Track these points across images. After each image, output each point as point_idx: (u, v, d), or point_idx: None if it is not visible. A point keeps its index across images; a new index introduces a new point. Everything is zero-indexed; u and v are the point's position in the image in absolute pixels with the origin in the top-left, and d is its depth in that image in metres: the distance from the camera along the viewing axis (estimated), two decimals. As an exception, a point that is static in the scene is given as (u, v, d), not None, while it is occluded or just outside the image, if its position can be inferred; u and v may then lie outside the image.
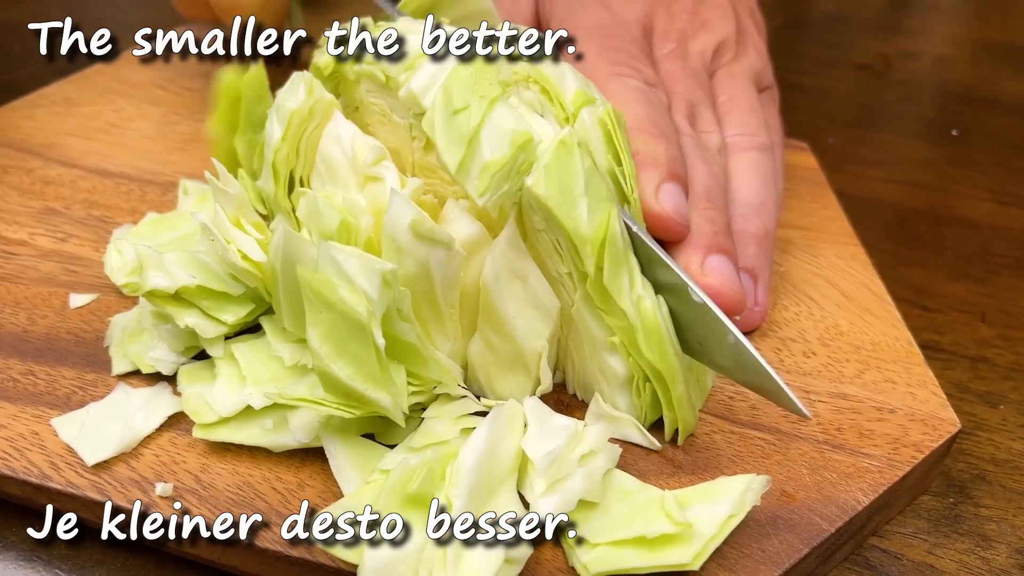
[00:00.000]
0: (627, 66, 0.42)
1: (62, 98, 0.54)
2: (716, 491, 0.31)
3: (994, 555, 0.35)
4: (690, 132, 0.41)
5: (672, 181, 0.37)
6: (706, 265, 0.36)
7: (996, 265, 0.52)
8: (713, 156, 0.42)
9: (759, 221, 0.41)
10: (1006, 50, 0.82)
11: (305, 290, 0.30)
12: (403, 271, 0.32)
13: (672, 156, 0.38)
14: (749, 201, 0.42)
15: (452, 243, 0.31)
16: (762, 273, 0.40)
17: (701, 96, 0.44)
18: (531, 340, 0.33)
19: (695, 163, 0.40)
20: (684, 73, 0.44)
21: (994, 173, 0.62)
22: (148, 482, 0.32)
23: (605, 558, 0.29)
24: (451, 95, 0.32)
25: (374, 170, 0.35)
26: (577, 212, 0.31)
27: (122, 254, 0.35)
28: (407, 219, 0.31)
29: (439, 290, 0.32)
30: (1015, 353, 0.45)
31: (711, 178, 0.40)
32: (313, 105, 0.37)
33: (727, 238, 0.38)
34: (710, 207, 0.38)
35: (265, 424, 0.33)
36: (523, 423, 0.33)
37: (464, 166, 0.32)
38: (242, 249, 0.34)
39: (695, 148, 0.41)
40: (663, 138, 0.38)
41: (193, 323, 0.35)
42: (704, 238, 0.37)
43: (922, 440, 0.35)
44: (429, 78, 0.34)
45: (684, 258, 0.37)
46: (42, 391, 0.35)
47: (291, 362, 0.34)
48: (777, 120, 0.48)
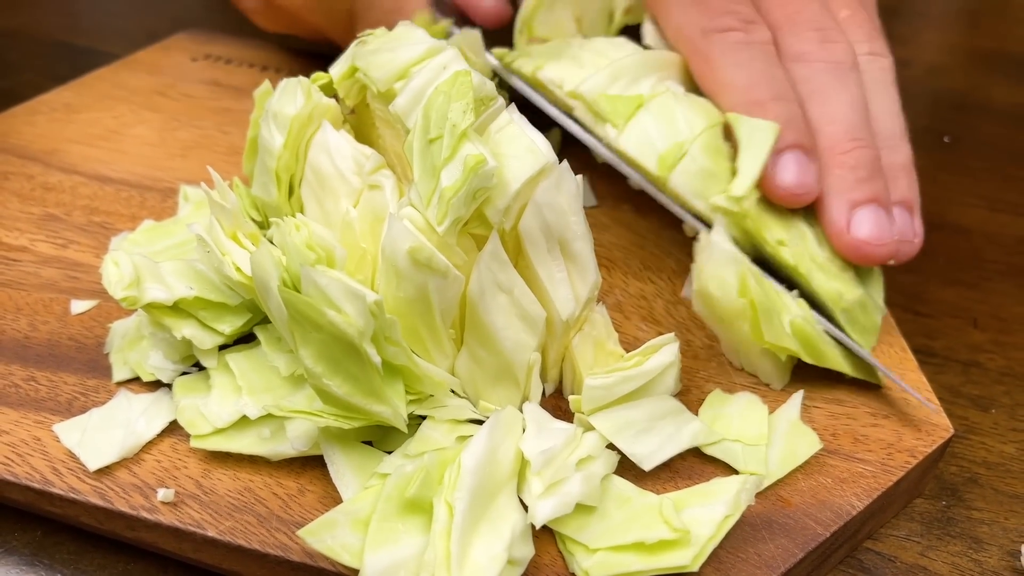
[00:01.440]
0: (724, 14, 0.39)
1: (62, 104, 0.55)
2: (711, 492, 0.31)
3: (986, 557, 0.35)
4: (821, 55, 0.39)
5: (790, 150, 0.36)
6: (853, 222, 0.36)
7: (988, 271, 0.53)
8: (851, 77, 0.39)
9: (906, 149, 0.39)
10: (998, 58, 0.83)
11: (291, 311, 0.30)
12: (402, 294, 0.32)
13: (787, 118, 0.36)
14: (892, 129, 0.40)
15: (449, 271, 0.31)
16: (916, 203, 0.39)
17: (821, 9, 0.41)
18: (519, 352, 0.33)
19: (830, 93, 0.38)
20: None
21: (986, 180, 0.62)
22: (150, 487, 0.32)
23: (605, 563, 0.29)
24: (428, 121, 0.32)
25: (373, 178, 0.35)
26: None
27: (119, 266, 0.35)
28: (405, 245, 0.31)
29: (437, 313, 0.32)
30: (1006, 358, 0.46)
31: (851, 109, 0.38)
32: (312, 110, 0.37)
33: (875, 180, 0.37)
34: (854, 145, 0.37)
35: (262, 433, 0.33)
36: (522, 428, 0.33)
37: (431, 199, 0.32)
38: (236, 262, 0.34)
39: (830, 74, 0.38)
40: (772, 102, 0.37)
41: (190, 334, 0.35)
42: (848, 190, 0.36)
43: (916, 445, 0.35)
44: (413, 96, 0.34)
45: (829, 214, 0.36)
46: (44, 397, 0.35)
47: (287, 372, 0.34)
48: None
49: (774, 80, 0.38)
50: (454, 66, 0.34)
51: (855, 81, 0.39)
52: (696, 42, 0.39)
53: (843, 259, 0.38)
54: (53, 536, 0.34)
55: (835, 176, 0.37)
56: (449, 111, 0.32)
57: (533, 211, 0.33)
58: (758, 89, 0.37)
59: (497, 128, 0.34)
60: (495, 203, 0.32)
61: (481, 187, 0.31)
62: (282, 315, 0.32)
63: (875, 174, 0.37)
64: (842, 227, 0.36)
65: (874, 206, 0.37)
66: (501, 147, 0.33)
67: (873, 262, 0.37)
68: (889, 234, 0.37)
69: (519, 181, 0.32)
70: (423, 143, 0.32)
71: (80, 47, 0.71)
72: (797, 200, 0.37)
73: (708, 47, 0.39)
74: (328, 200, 0.37)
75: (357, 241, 0.35)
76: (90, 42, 0.71)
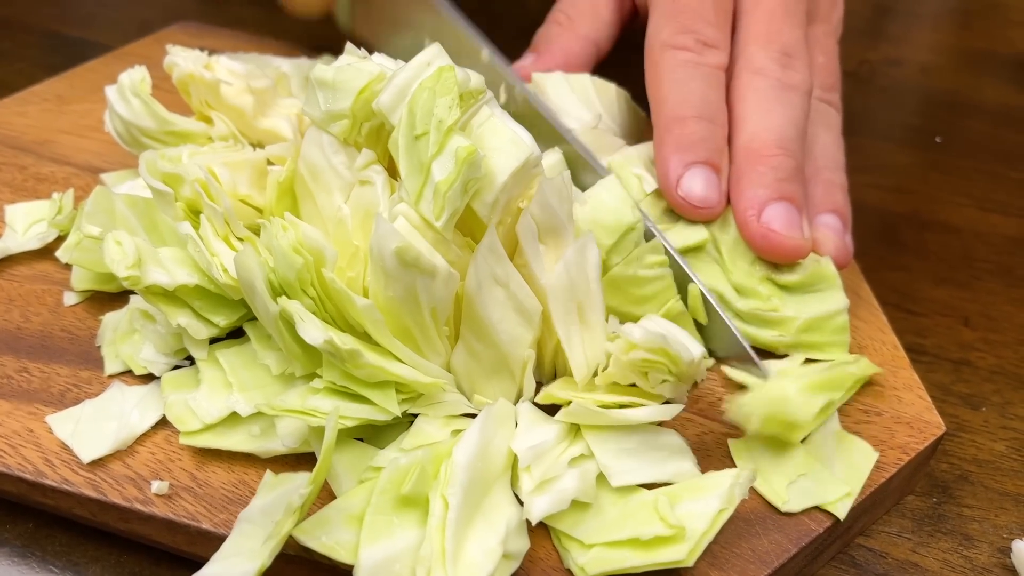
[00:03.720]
0: (684, 32, 0.41)
1: (54, 95, 0.54)
2: (705, 486, 0.31)
3: (976, 554, 0.36)
4: (778, 74, 0.40)
5: (699, 165, 0.38)
6: (765, 212, 0.37)
7: (978, 270, 0.53)
8: (799, 100, 0.40)
9: (844, 177, 0.43)
10: (989, 58, 0.83)
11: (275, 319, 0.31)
12: (391, 293, 0.32)
13: (703, 136, 0.38)
14: (834, 158, 0.43)
15: (436, 271, 0.31)
16: (849, 218, 0.42)
17: (799, 41, 0.42)
18: (515, 346, 0.33)
19: (774, 107, 0.40)
20: (780, 10, 0.42)
21: (977, 179, 0.63)
22: (144, 479, 0.32)
23: (601, 558, 0.29)
24: (414, 117, 0.32)
25: (363, 174, 0.35)
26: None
27: (122, 246, 0.35)
28: (392, 246, 0.30)
29: (427, 312, 0.32)
30: (997, 356, 0.46)
31: (789, 124, 0.39)
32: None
33: (793, 184, 0.38)
34: (781, 152, 0.38)
35: (252, 430, 0.33)
36: (515, 423, 0.33)
37: (421, 194, 0.32)
38: (224, 264, 0.34)
39: (777, 91, 0.40)
40: (693, 120, 0.39)
41: (185, 323, 0.35)
42: (765, 185, 0.38)
43: (908, 442, 0.35)
44: (397, 93, 0.33)
45: (739, 206, 0.38)
46: (36, 388, 0.35)
47: (278, 371, 0.34)
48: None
49: (704, 102, 0.40)
50: (438, 62, 0.33)
51: (801, 105, 0.40)
52: (654, 52, 0.41)
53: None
54: (45, 528, 0.34)
55: (756, 173, 0.38)
56: (435, 107, 0.32)
57: (562, 268, 0.33)
58: (685, 106, 0.39)
59: (479, 122, 0.34)
60: (483, 197, 0.32)
61: (472, 178, 0.31)
62: (269, 315, 0.32)
63: (794, 178, 0.39)
64: (752, 215, 0.38)
65: (788, 204, 0.38)
66: (484, 141, 0.33)
67: (782, 255, 0.38)
68: (800, 231, 0.38)
69: (505, 173, 0.32)
70: (409, 139, 0.32)
71: (72, 38, 0.70)
72: (699, 213, 0.38)
73: (660, 60, 0.41)
74: (321, 194, 0.36)
75: (349, 238, 0.34)
76: (82, 33, 0.71)
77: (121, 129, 0.42)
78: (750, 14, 0.43)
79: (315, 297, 0.32)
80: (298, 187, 0.38)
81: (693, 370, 0.32)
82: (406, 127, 0.32)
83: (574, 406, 0.32)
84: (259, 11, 0.74)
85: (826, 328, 0.38)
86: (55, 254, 0.41)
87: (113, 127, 0.42)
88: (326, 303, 0.32)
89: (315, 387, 0.32)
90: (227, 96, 0.42)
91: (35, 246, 0.41)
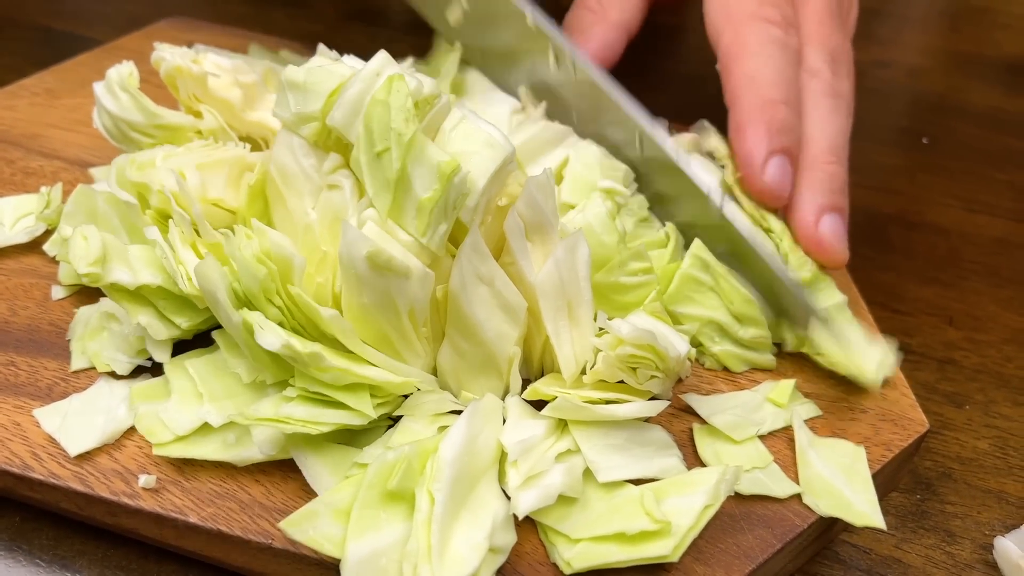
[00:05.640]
0: (772, 5, 0.41)
1: (43, 89, 0.54)
2: (691, 482, 0.32)
3: (959, 550, 0.36)
4: (831, 79, 0.41)
5: (781, 155, 0.39)
6: (822, 223, 0.39)
7: (964, 271, 0.53)
8: (845, 108, 0.42)
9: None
10: (976, 61, 0.84)
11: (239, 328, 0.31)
12: (366, 299, 0.31)
13: (789, 124, 0.39)
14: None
15: (410, 272, 0.31)
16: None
17: (842, 45, 0.43)
18: (502, 343, 0.33)
19: (826, 115, 0.41)
20: (828, 13, 0.43)
21: (963, 181, 0.63)
22: (131, 473, 0.32)
23: (587, 553, 0.29)
24: (372, 134, 0.32)
25: (332, 178, 0.34)
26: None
27: (87, 241, 0.34)
28: (363, 251, 0.30)
29: (404, 315, 0.32)
30: (981, 355, 0.47)
31: (840, 133, 0.41)
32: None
33: (844, 197, 0.40)
34: (833, 161, 0.40)
35: (227, 439, 0.32)
36: (502, 418, 0.33)
37: (397, 208, 0.31)
38: (190, 272, 0.33)
39: (831, 97, 0.41)
40: (783, 105, 0.39)
41: (146, 323, 0.34)
42: (823, 194, 0.39)
43: (892, 439, 0.36)
44: (350, 108, 0.33)
45: (802, 209, 0.39)
46: (23, 382, 0.35)
47: (249, 379, 0.34)
48: None
49: (791, 88, 0.40)
50: (387, 71, 0.33)
51: (848, 114, 0.42)
52: (740, 23, 0.41)
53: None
54: (32, 522, 0.34)
55: (815, 179, 0.39)
56: (391, 121, 0.31)
57: (552, 266, 0.33)
58: (777, 89, 0.40)
59: (451, 126, 0.33)
60: (465, 203, 0.32)
61: (459, 195, 0.31)
62: (233, 325, 0.32)
63: (844, 190, 0.41)
64: (811, 222, 0.39)
65: (840, 216, 0.40)
66: (458, 145, 0.33)
67: (828, 260, 0.40)
68: (843, 244, 0.40)
69: (485, 177, 0.32)
70: (370, 157, 0.32)
71: (62, 32, 0.70)
72: (774, 199, 0.39)
73: (748, 31, 0.41)
74: (292, 197, 0.36)
75: (317, 244, 0.34)
76: (72, 27, 0.71)
77: (109, 124, 0.42)
78: (799, 10, 0.43)
79: (281, 307, 0.32)
80: (270, 190, 0.37)
81: (679, 366, 0.33)
82: (365, 145, 0.32)
83: (560, 401, 0.33)
84: (248, 6, 0.74)
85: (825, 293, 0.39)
86: (43, 248, 0.41)
87: (101, 123, 0.42)
88: (294, 311, 0.32)
89: (288, 395, 0.32)
90: (215, 89, 0.42)
91: (23, 240, 0.41)
